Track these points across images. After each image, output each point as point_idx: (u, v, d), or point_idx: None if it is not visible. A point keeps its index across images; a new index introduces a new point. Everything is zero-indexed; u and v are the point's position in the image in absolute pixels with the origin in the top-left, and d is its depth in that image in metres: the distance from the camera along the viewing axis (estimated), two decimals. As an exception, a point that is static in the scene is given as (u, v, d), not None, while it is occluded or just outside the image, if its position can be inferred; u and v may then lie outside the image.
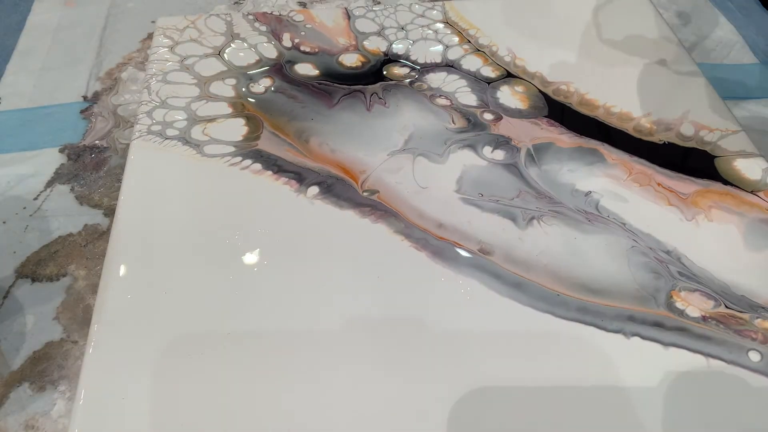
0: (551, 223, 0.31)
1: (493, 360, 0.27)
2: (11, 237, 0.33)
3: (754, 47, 0.45)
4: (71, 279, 0.31)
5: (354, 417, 0.25)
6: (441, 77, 0.39)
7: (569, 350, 0.27)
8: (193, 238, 0.31)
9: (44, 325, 0.30)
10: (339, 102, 0.37)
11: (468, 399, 0.25)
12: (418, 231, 0.31)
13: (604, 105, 0.37)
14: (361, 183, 0.33)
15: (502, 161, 0.34)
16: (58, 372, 0.28)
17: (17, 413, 0.27)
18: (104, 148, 0.38)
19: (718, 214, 0.32)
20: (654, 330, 0.27)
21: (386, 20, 0.43)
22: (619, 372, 0.26)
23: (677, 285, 0.29)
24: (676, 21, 0.47)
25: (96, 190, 0.35)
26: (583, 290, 0.29)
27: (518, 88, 0.38)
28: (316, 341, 0.27)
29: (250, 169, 0.34)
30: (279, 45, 0.41)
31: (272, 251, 0.30)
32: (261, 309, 0.28)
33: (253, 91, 0.38)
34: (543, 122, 0.36)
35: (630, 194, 0.33)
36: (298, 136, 0.35)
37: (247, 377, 0.26)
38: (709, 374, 0.26)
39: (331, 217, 0.31)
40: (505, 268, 0.29)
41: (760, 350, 0.27)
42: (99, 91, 0.41)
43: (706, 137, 0.35)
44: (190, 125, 0.36)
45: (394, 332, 0.27)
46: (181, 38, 0.41)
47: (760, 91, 0.42)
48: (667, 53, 0.41)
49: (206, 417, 0.25)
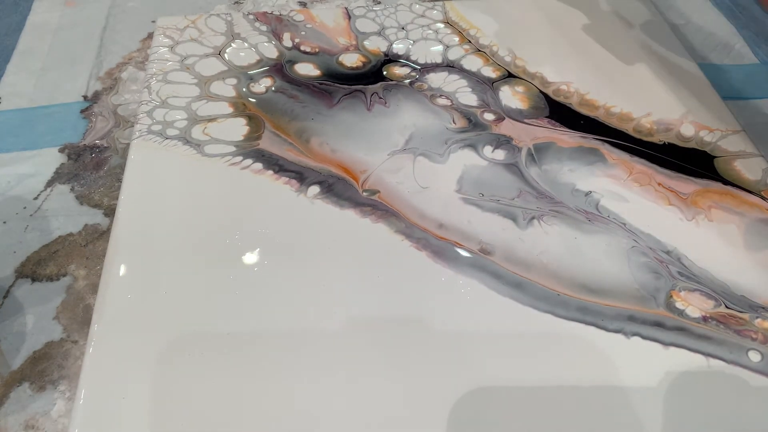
0: (552, 222, 0.31)
1: (493, 360, 0.27)
2: (11, 237, 0.33)
3: (754, 47, 0.45)
4: (71, 279, 0.31)
5: (354, 417, 0.25)
6: (441, 77, 0.39)
7: (569, 350, 0.27)
8: (193, 238, 0.31)
9: (44, 325, 0.30)
10: (339, 102, 0.37)
11: (468, 399, 0.25)
12: (419, 231, 0.31)
13: (604, 105, 0.37)
14: (361, 183, 0.33)
15: (503, 161, 0.34)
16: (58, 372, 0.28)
17: (17, 413, 0.27)
18: (104, 148, 0.38)
19: (718, 214, 0.32)
20: (654, 330, 0.27)
21: (386, 20, 0.43)
22: (619, 372, 0.26)
23: (677, 285, 0.29)
24: (677, 21, 0.47)
25: (96, 190, 0.35)
26: (584, 290, 0.29)
27: (519, 88, 0.38)
28: (316, 341, 0.27)
29: (251, 168, 0.34)
30: (279, 45, 0.41)
31: (272, 251, 0.30)
32: (261, 309, 0.28)
33: (254, 90, 0.38)
34: (544, 122, 0.36)
35: (630, 194, 0.33)
36: (298, 135, 0.35)
37: (247, 377, 0.26)
38: (709, 374, 0.26)
39: (331, 217, 0.31)
40: (506, 268, 0.29)
41: (760, 350, 0.27)
42: (99, 90, 0.41)
43: (706, 137, 0.35)
44: (190, 125, 0.36)
45: (394, 332, 0.27)
46: (182, 38, 0.41)
47: (760, 91, 0.42)
48: (667, 53, 0.41)
49: (206, 417, 0.25)
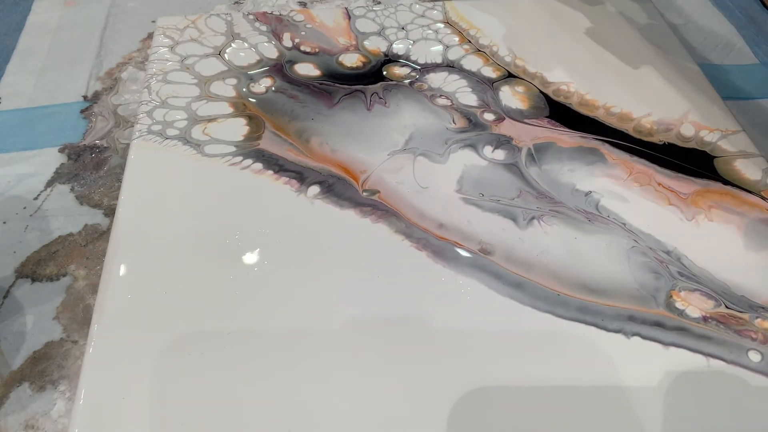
0: (552, 222, 0.31)
1: (493, 359, 0.27)
2: (11, 237, 0.33)
3: (754, 47, 0.45)
4: (71, 279, 0.31)
5: (354, 416, 0.25)
6: (441, 77, 0.39)
7: (569, 350, 0.27)
8: (193, 238, 0.31)
9: (44, 325, 0.30)
10: (339, 102, 0.37)
11: (468, 398, 0.25)
12: (419, 231, 0.31)
13: (604, 105, 0.37)
14: (361, 183, 0.33)
15: (503, 161, 0.34)
16: (58, 372, 0.28)
17: (17, 413, 0.27)
18: (104, 148, 0.38)
19: (718, 214, 0.32)
20: (654, 330, 0.27)
21: (386, 20, 0.43)
22: (619, 372, 0.26)
23: (677, 285, 0.29)
24: (677, 21, 0.47)
25: (96, 190, 0.35)
26: (584, 290, 0.29)
27: (519, 88, 0.38)
28: (316, 341, 0.27)
29: (251, 168, 0.34)
30: (279, 45, 0.41)
31: (272, 251, 0.30)
32: (261, 309, 0.28)
33: (254, 90, 0.38)
34: (544, 122, 0.36)
35: (630, 194, 0.33)
36: (298, 135, 0.35)
37: (247, 377, 0.26)
38: (709, 374, 0.26)
39: (331, 217, 0.31)
40: (506, 268, 0.29)
41: (760, 350, 0.27)
42: (99, 90, 0.41)
43: (706, 137, 0.35)
44: (190, 125, 0.36)
45: (394, 332, 0.27)
46: (182, 38, 0.41)
47: (760, 91, 0.42)
48: (668, 54, 0.41)
49: (206, 417, 0.25)
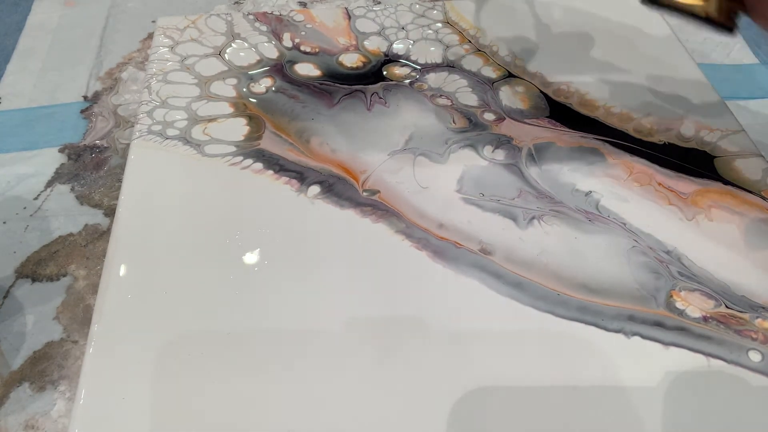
0: (552, 222, 0.31)
1: (493, 360, 0.27)
2: (11, 237, 0.33)
3: (754, 47, 0.45)
4: (71, 279, 0.31)
5: (354, 417, 0.25)
6: (441, 77, 0.39)
7: (569, 350, 0.27)
8: (193, 238, 0.31)
9: (44, 325, 0.30)
10: (339, 102, 0.37)
11: (468, 398, 0.25)
12: (419, 231, 0.31)
13: (604, 105, 0.37)
14: (361, 183, 0.33)
15: (503, 161, 0.34)
16: (58, 372, 0.28)
17: (17, 413, 0.27)
18: (104, 148, 0.38)
19: (718, 213, 0.32)
20: (654, 330, 0.27)
21: (386, 20, 0.43)
22: (619, 372, 0.26)
23: (677, 285, 0.29)
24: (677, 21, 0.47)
25: (96, 190, 0.35)
26: (584, 290, 0.29)
27: (519, 88, 0.38)
28: (316, 341, 0.27)
29: (251, 168, 0.34)
30: (279, 45, 0.41)
31: (272, 251, 0.30)
32: (261, 309, 0.28)
33: (254, 91, 0.38)
34: (544, 122, 0.36)
35: (630, 194, 0.33)
36: (298, 135, 0.35)
37: (247, 377, 0.26)
38: (709, 374, 0.26)
39: (331, 217, 0.31)
40: (506, 268, 0.29)
41: (760, 350, 0.27)
42: (99, 90, 0.41)
43: (706, 137, 0.35)
44: (190, 125, 0.36)
45: (394, 332, 0.27)
46: (182, 38, 0.41)
47: (760, 91, 0.42)
48: (668, 53, 0.41)
49: (206, 417, 0.25)
